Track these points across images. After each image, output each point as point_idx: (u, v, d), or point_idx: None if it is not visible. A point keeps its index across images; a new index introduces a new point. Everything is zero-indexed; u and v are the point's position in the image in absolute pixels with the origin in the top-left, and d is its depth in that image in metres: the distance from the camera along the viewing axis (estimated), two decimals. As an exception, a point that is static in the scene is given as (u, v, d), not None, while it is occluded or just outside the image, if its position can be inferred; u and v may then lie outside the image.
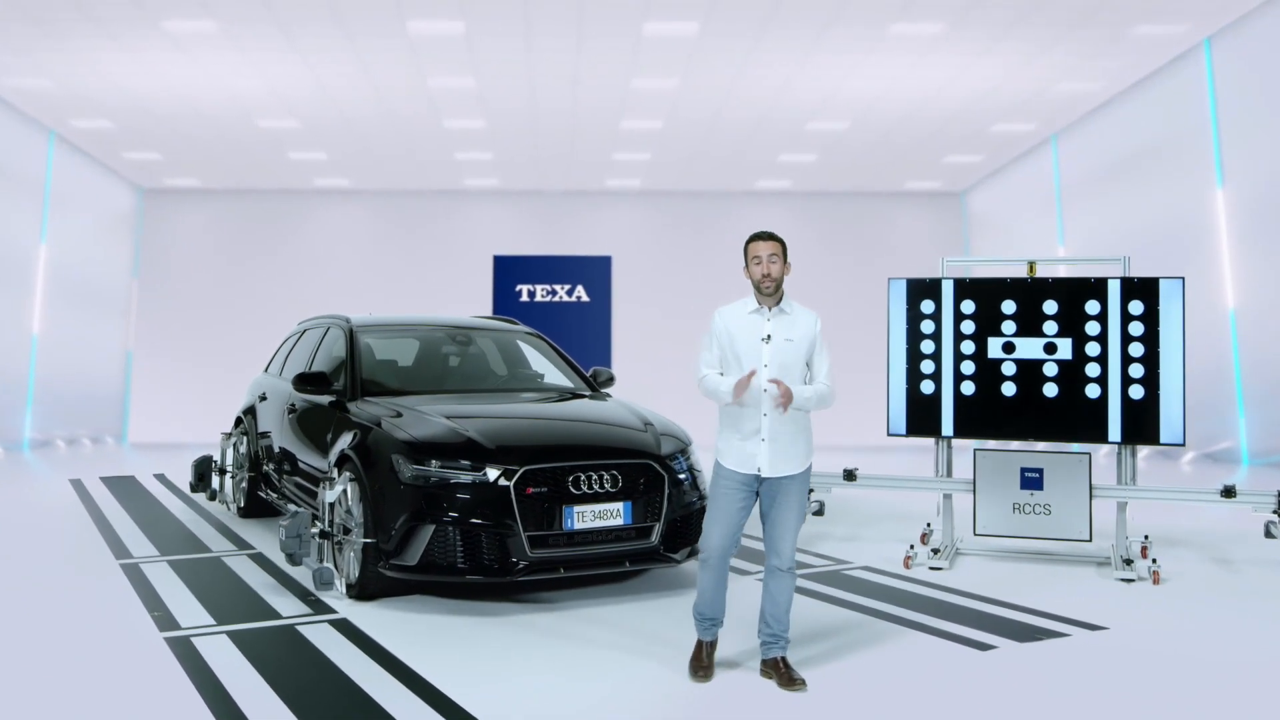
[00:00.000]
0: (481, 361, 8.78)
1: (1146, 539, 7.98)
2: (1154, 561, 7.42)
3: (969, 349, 8.09)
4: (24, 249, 18.88)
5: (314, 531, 6.84)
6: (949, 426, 8.12)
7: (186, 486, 11.52)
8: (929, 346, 8.19)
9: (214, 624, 6.02)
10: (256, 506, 9.56)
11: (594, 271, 16.36)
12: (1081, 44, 14.64)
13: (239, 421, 10.18)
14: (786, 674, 4.93)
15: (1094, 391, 7.75)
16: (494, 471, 6.25)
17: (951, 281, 8.18)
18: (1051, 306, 7.90)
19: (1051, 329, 7.90)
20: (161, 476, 13.18)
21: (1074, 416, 7.81)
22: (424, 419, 6.80)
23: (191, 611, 6.31)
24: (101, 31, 14.12)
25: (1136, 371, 7.65)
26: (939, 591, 6.93)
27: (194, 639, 5.68)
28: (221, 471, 10.38)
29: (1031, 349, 7.95)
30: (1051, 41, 14.47)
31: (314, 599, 6.61)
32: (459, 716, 4.52)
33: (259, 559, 7.92)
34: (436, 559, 6.19)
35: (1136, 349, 7.66)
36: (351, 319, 8.49)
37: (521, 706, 4.68)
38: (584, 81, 16.27)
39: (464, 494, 6.22)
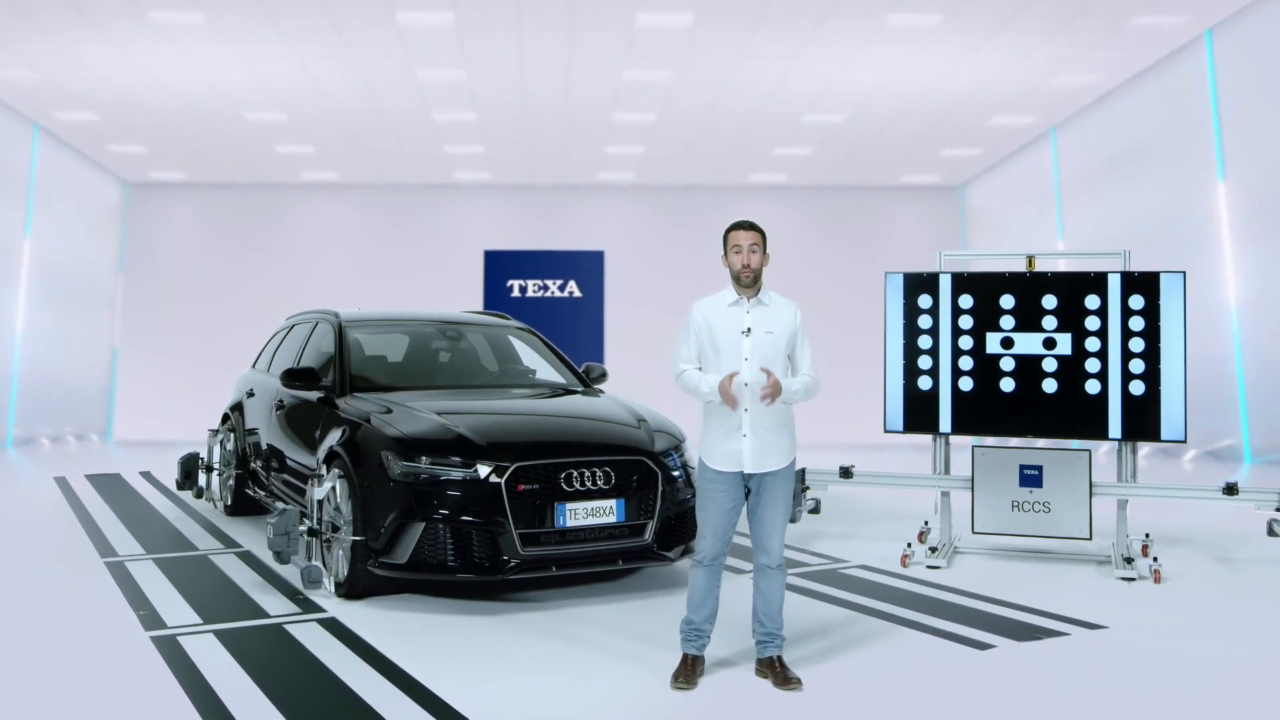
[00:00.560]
0: (472, 357, 8.77)
1: (1147, 537, 7.98)
2: (1155, 560, 7.43)
3: (967, 344, 8.09)
4: (7, 243, 18.80)
5: (302, 529, 6.85)
6: (947, 423, 8.12)
7: (173, 484, 11.48)
8: (926, 342, 8.18)
9: (200, 623, 6.01)
10: (244, 504, 9.54)
11: (586, 266, 16.29)
12: (1081, 35, 14.64)
13: (226, 418, 10.17)
14: (782, 673, 4.92)
15: (1094, 387, 7.76)
16: (485, 468, 6.24)
17: (949, 276, 8.18)
18: (1051, 301, 7.90)
19: (1051, 324, 7.90)
20: (147, 474, 13.15)
21: (1074, 413, 7.82)
22: (414, 415, 6.78)
23: (178, 610, 6.29)
24: (86, 23, 14.06)
25: (1137, 367, 7.65)
26: (937, 590, 6.93)
27: (180, 638, 5.67)
28: (208, 469, 10.36)
29: (1030, 344, 7.94)
30: (1050, 33, 14.47)
31: (302, 598, 6.60)
32: (450, 716, 4.51)
33: (246, 557, 7.91)
34: (427, 557, 6.18)
35: (1137, 344, 7.66)
36: (340, 314, 8.48)
37: (515, 707, 4.67)
38: (576, 73, 16.23)
39: (454, 491, 6.21)
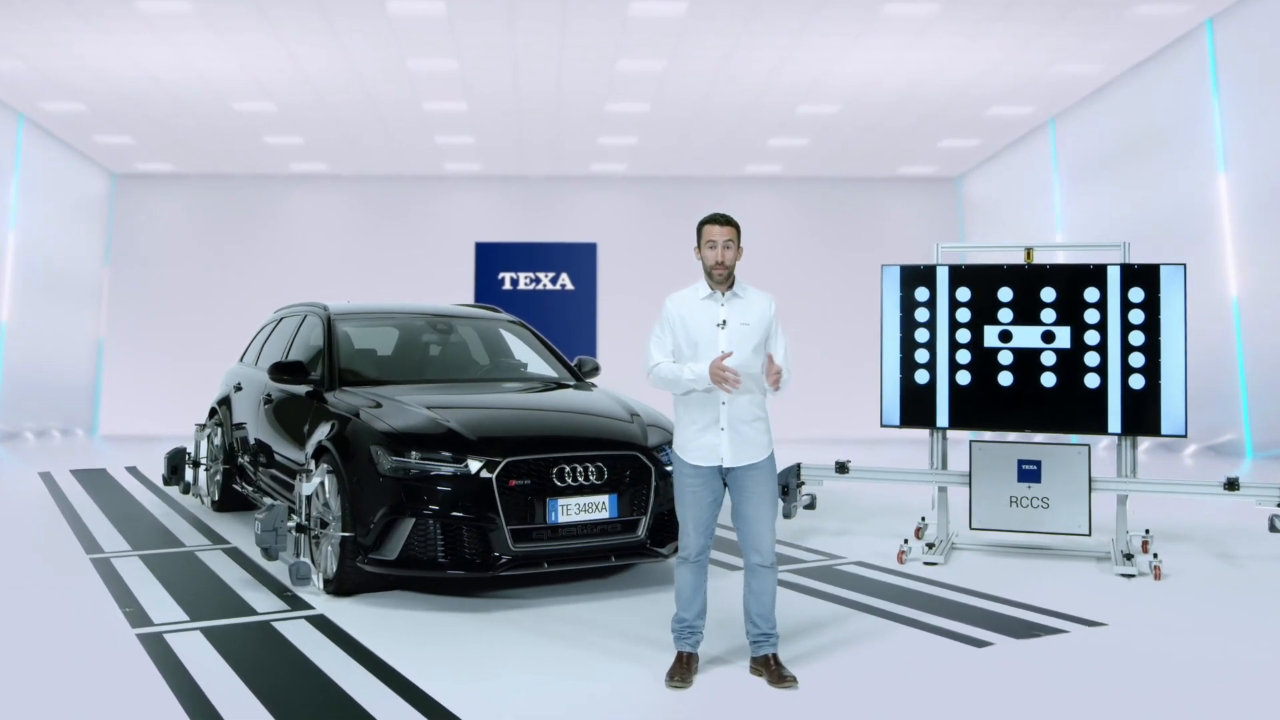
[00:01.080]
0: (463, 351, 8.76)
1: (1147, 533, 7.98)
2: (1155, 556, 7.43)
3: (964, 338, 8.08)
4: (-9, 235, 18.77)
5: (290, 525, 6.82)
6: (944, 417, 8.11)
7: (159, 479, 11.46)
8: (923, 335, 8.17)
9: (187, 620, 6.00)
10: (231, 500, 9.52)
11: (578, 258, 16.31)
12: (1080, 25, 14.63)
13: (213, 412, 10.15)
14: (777, 671, 4.92)
15: (1093, 381, 7.75)
16: (476, 463, 6.22)
17: (947, 268, 8.17)
18: (1049, 294, 7.90)
19: (1049, 317, 7.89)
20: (134, 469, 13.12)
21: (1073, 407, 7.81)
22: (404, 409, 6.77)
23: (164, 608, 6.28)
24: (73, 11, 14.00)
25: (1137, 361, 7.65)
26: (934, 587, 6.93)
27: (167, 636, 5.66)
28: (195, 464, 10.33)
29: (1029, 338, 7.94)
30: (1049, 22, 14.46)
31: (290, 595, 6.59)
32: (440, 715, 4.50)
33: (234, 554, 7.90)
34: (416, 553, 6.17)
35: (1137, 338, 7.66)
36: (329, 307, 8.47)
37: (506, 706, 4.66)
38: (568, 63, 16.21)
39: (445, 486, 6.20)
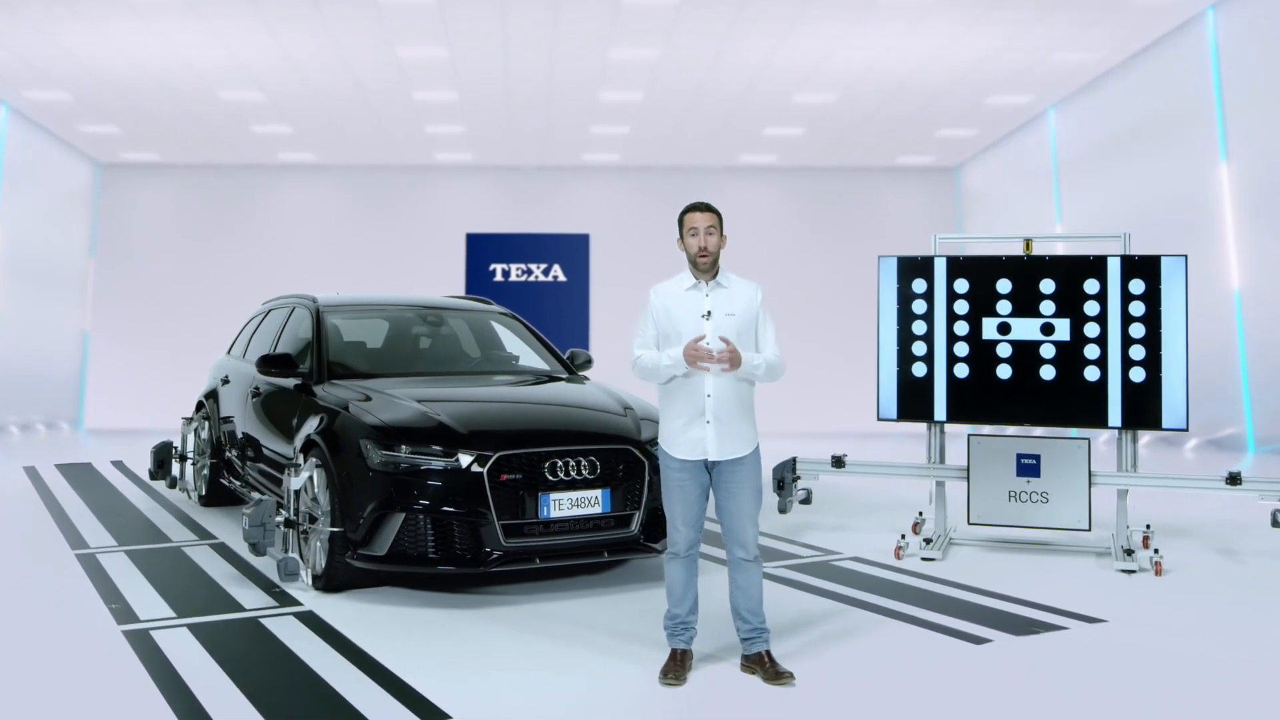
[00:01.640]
0: (454, 343, 8.74)
1: (1148, 528, 7.99)
2: (1156, 552, 7.43)
3: (962, 330, 8.07)
4: (-26, 226, 18.73)
5: (279, 520, 6.81)
6: (942, 411, 8.11)
7: (145, 474, 11.43)
8: (921, 327, 8.17)
9: (174, 617, 5.99)
10: (219, 494, 9.51)
11: (571, 250, 16.27)
12: (1080, 11, 14.63)
13: (200, 406, 10.14)
14: (772, 668, 4.91)
15: (1093, 374, 7.75)
16: (467, 457, 6.21)
17: (944, 260, 8.16)
18: (1049, 285, 7.89)
19: (1049, 309, 7.88)
20: (119, 463, 13.10)
21: (1072, 400, 7.81)
22: (394, 402, 6.76)
23: (151, 604, 6.27)
24: (55, -3, 13.97)
25: (1137, 353, 7.64)
26: (931, 583, 6.93)
27: (153, 632, 5.65)
28: (182, 458, 10.31)
29: (1028, 330, 7.93)
30: (1048, 9, 14.45)
31: (278, 591, 6.58)
32: (430, 713, 4.49)
33: (221, 549, 7.88)
34: (406, 549, 6.16)
35: (1137, 330, 7.65)
36: (318, 298, 8.45)
37: (497, 703, 4.65)
38: (560, 51, 16.17)
39: (435, 481, 6.19)
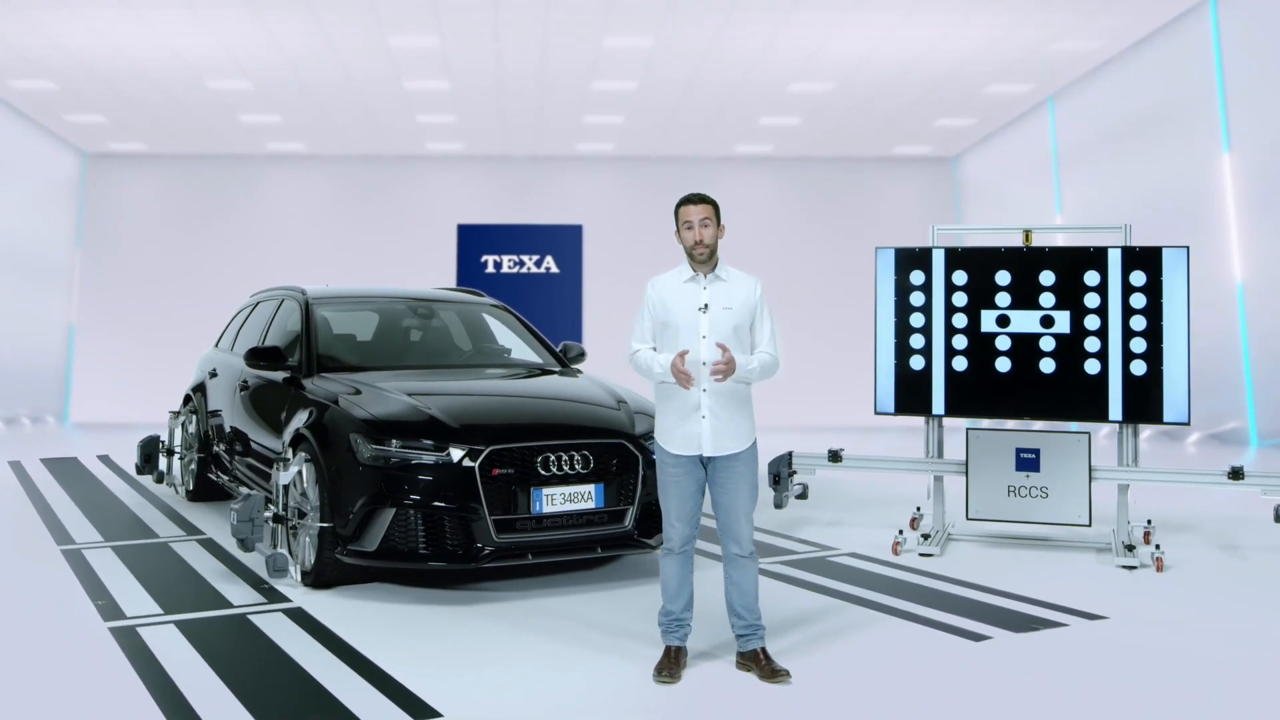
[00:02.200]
0: (445, 336, 8.74)
1: (1149, 524, 7.99)
2: (1157, 548, 7.43)
3: (961, 322, 8.07)
4: (-43, 217, 18.68)
5: (267, 515, 6.81)
6: (940, 404, 8.11)
7: (132, 468, 11.42)
8: (919, 320, 8.16)
9: (161, 613, 5.99)
10: (206, 489, 9.50)
11: (564, 241, 16.29)
12: (1080, 0, 14.62)
13: (188, 399, 10.12)
14: (768, 665, 4.91)
15: (1094, 367, 7.75)
16: (458, 452, 6.20)
17: (942, 251, 8.16)
18: (1048, 277, 7.88)
19: (1048, 301, 7.88)
20: (106, 458, 13.07)
21: (1072, 394, 7.81)
22: (384, 396, 6.75)
23: (137, 600, 6.27)
24: (38, -17, 13.93)
25: (1138, 346, 7.64)
26: (929, 579, 6.94)
27: (140, 629, 5.65)
28: (169, 452, 10.30)
29: (1027, 322, 7.93)
30: (1049, -2, 14.45)
31: (267, 587, 6.58)
32: (421, 711, 4.49)
33: (209, 545, 7.87)
34: (397, 544, 6.16)
35: (1138, 322, 7.65)
36: (307, 290, 8.44)
37: (488, 701, 4.65)
38: (553, 40, 16.15)
39: (426, 475, 6.18)
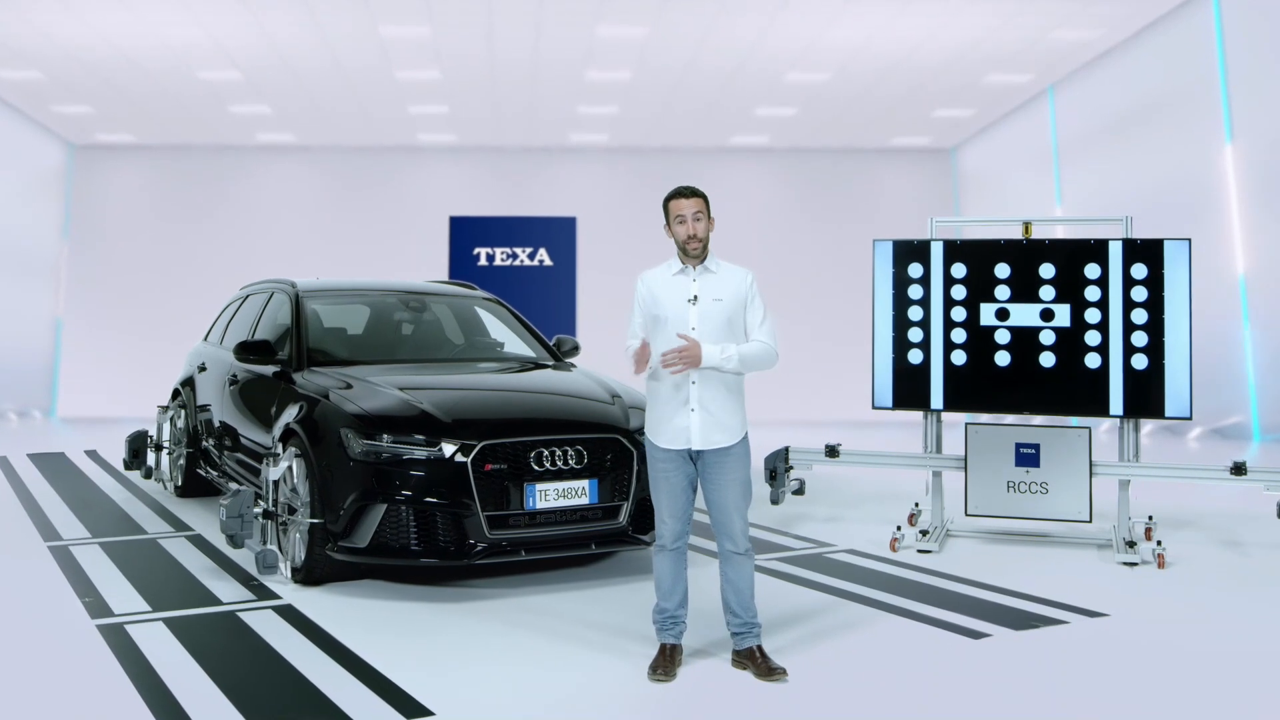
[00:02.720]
0: (437, 329, 8.73)
1: (1150, 520, 8.00)
2: (1158, 544, 7.43)
3: (960, 316, 8.06)
4: (-59, 209, 18.63)
5: (257, 511, 6.80)
6: (938, 399, 8.11)
7: (120, 464, 11.40)
8: (917, 313, 8.16)
9: (149, 610, 5.98)
10: (195, 485, 9.49)
11: (557, 233, 16.25)
12: (1081, -10, 14.63)
13: (176, 394, 10.10)
14: (764, 663, 4.90)
15: (1094, 361, 7.75)
16: (450, 447, 6.20)
17: (941, 243, 8.15)
18: (1048, 270, 7.88)
19: (1048, 294, 7.88)
20: (93, 453, 13.06)
21: (1073, 388, 7.80)
22: (375, 390, 6.74)
23: (125, 597, 6.26)
24: (24, -29, 13.89)
25: (1140, 340, 7.64)
26: (928, 576, 6.94)
27: (128, 626, 5.65)
28: (158, 447, 10.29)
29: (1027, 316, 7.92)
30: (1049, -13, 14.44)
31: (257, 584, 6.57)
32: (412, 709, 4.49)
33: (198, 541, 7.86)
34: (388, 541, 6.15)
35: (1140, 316, 7.65)
36: (297, 283, 8.42)
37: (481, 699, 4.65)
38: (546, 29, 16.12)
39: (418, 471, 6.18)
